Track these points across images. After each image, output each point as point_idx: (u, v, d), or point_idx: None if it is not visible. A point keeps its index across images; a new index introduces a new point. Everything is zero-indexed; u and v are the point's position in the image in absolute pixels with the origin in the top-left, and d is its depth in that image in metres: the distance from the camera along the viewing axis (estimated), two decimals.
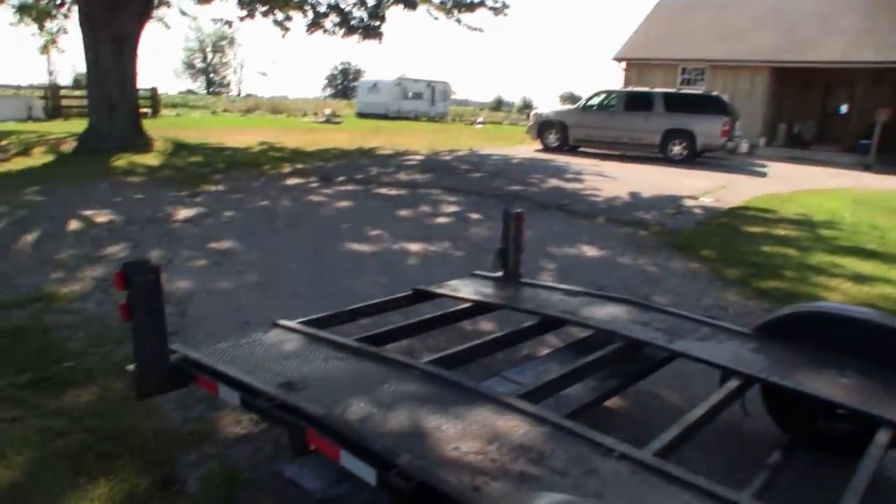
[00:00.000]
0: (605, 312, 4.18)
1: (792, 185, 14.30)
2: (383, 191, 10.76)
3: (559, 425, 2.52)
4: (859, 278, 7.41)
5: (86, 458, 3.19)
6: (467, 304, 4.50)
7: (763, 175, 16.27)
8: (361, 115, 40.40)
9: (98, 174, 11.46)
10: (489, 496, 2.05)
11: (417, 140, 18.94)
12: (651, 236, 9.00)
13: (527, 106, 73.56)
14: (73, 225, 8.01)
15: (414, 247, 7.64)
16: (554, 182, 12.69)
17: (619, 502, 2.08)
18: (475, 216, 9.43)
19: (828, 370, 3.23)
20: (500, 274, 5.18)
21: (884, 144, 19.89)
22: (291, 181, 11.23)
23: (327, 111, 35.25)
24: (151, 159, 13.28)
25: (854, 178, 16.79)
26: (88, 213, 8.61)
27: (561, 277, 6.75)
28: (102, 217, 8.41)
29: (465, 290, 4.77)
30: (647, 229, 9.34)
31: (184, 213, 8.66)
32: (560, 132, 18.54)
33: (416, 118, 40.36)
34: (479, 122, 39.08)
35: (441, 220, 9.14)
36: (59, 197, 9.58)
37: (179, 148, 14.58)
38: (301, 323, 3.87)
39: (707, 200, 12.02)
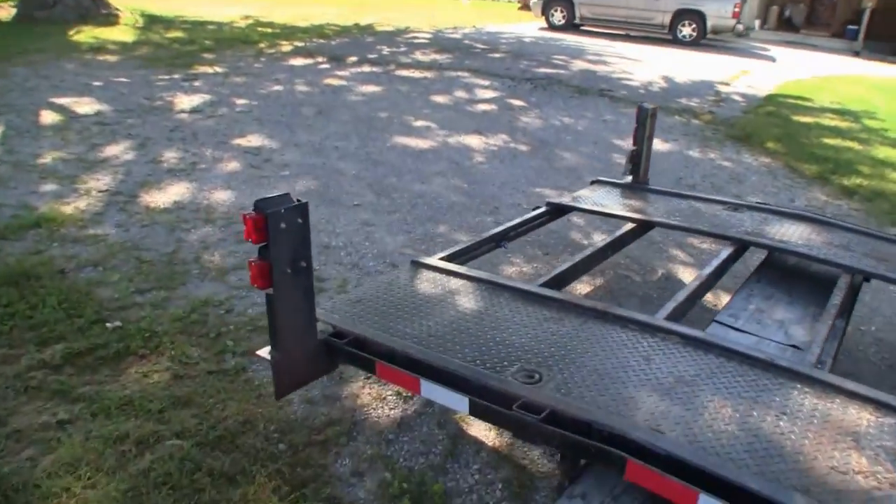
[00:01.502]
0: (795, 233, 3.36)
1: (805, 71, 13.28)
2: (406, 73, 9.26)
3: None
4: None
5: (201, 488, 2.12)
6: (630, 225, 3.45)
7: (773, 60, 15.10)
8: None
9: (58, 51, 9.27)
10: None
11: (412, 16, 16.90)
12: (707, 126, 8.01)
13: None
14: (48, 117, 6.29)
15: (471, 140, 6.41)
16: (580, 64, 11.29)
17: None
18: (518, 103, 8.14)
19: None
20: (629, 180, 4.13)
21: (870, 31, 18.92)
22: (297, 61, 9.58)
23: None
24: (121, 34, 11.18)
25: (852, 64, 15.84)
26: (63, 101, 6.87)
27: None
28: (84, 106, 6.77)
29: (608, 202, 3.77)
30: (699, 118, 8.33)
31: (187, 102, 7.14)
32: (566, 9, 16.76)
33: None
34: None
35: (483, 107, 7.83)
36: (14, 80, 7.58)
37: (152, 21, 12.43)
38: (444, 259, 2.82)
39: (740, 86, 10.97)
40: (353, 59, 9.94)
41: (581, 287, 3.81)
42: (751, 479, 1.46)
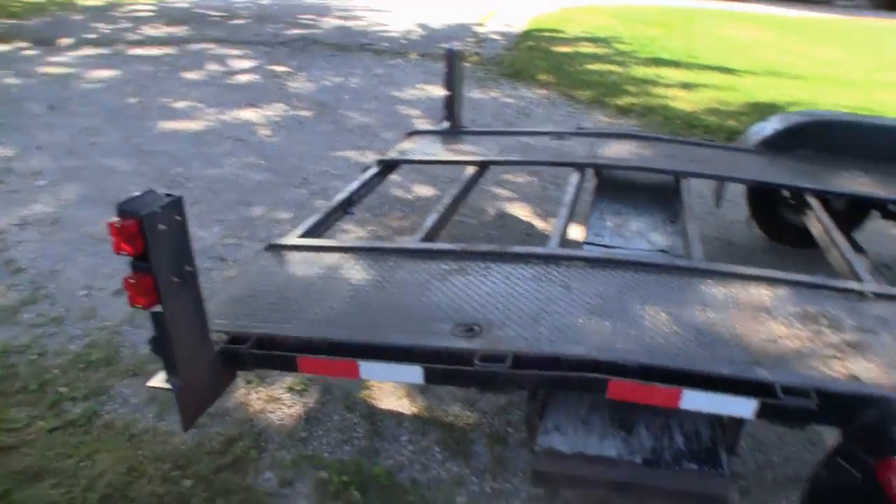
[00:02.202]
0: (624, 150, 3.79)
1: (546, 5, 14.75)
2: (142, 52, 8.41)
3: (796, 281, 2.20)
4: (686, 86, 8.00)
5: None
6: (472, 170, 3.59)
7: None
8: None
9: None
10: None
11: None
12: (478, 67, 8.57)
13: None
14: None
15: (248, 114, 6.12)
16: (332, 21, 11.24)
17: None
18: (280, 69, 7.91)
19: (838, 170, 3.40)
20: (446, 126, 4.31)
21: None
22: None
23: None
24: None
25: None
26: None
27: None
28: None
29: (436, 150, 3.94)
30: (468, 60, 8.84)
31: None
32: None
33: None
34: None
35: (245, 78, 7.47)
36: None
37: None
38: (303, 236, 2.74)
39: (494, 26, 11.83)
40: (68, 41, 8.76)
41: None
42: (720, 367, 1.69)
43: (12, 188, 4.34)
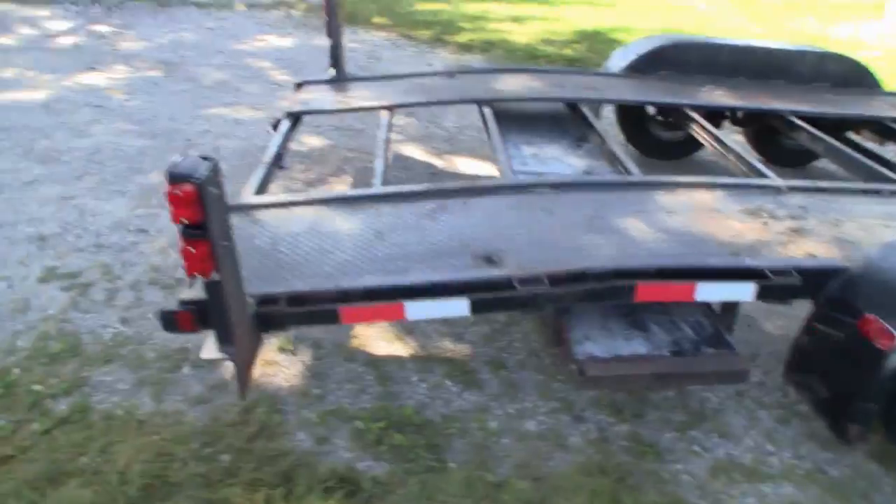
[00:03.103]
0: (516, 84, 3.91)
1: None
2: None
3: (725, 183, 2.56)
4: (516, 19, 8.39)
5: None
6: (385, 113, 3.55)
7: None
8: None
9: None
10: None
11: None
12: (309, 15, 8.32)
13: None
14: None
15: (92, 78, 5.52)
16: None
17: None
18: (104, 28, 7.17)
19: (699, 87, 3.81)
20: (333, 74, 4.22)
21: None
22: None
23: None
24: None
25: None
26: None
27: (296, 74, 5.69)
28: None
29: (338, 98, 3.88)
30: (296, 9, 8.58)
31: None
32: None
33: None
34: None
35: (69, 40, 6.65)
36: None
37: None
38: (256, 194, 2.63)
39: None
40: None
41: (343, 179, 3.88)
42: (714, 261, 1.96)
43: None
